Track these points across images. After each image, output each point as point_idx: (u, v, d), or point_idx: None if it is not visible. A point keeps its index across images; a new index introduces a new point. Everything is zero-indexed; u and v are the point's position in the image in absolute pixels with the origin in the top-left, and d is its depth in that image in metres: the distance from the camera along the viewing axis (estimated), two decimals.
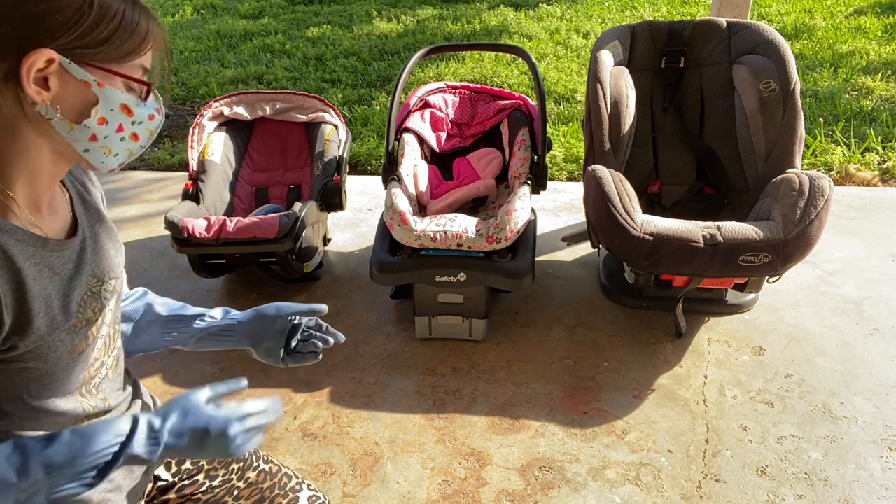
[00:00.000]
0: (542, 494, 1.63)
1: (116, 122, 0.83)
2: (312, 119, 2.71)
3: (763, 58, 2.21)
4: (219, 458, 0.76)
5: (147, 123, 0.88)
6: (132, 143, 0.88)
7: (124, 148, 0.87)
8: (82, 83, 0.78)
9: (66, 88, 0.78)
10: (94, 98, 0.80)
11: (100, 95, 0.80)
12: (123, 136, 0.85)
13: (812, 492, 1.61)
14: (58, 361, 0.87)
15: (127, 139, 0.86)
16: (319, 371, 2.10)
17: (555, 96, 4.28)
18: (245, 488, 1.20)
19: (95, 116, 0.81)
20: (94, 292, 0.92)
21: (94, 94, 0.80)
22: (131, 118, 0.85)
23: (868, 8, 5.70)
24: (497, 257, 2.03)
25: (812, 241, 1.84)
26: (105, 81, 0.80)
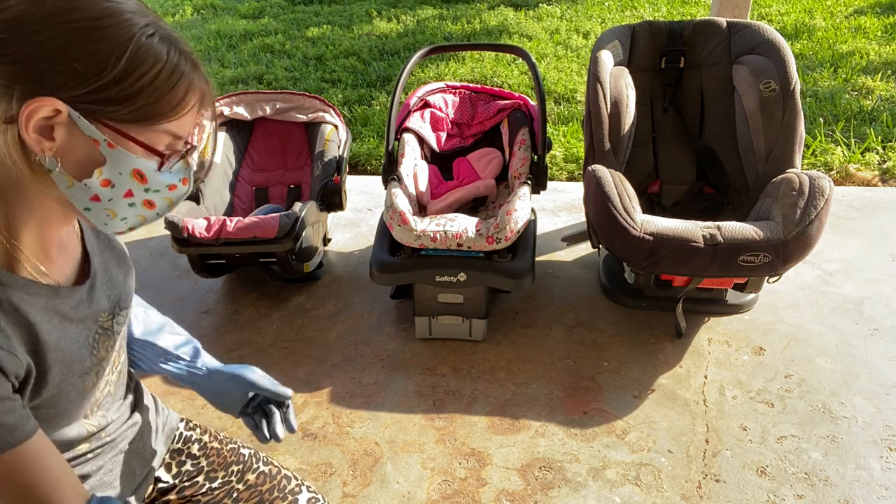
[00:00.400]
0: (542, 494, 1.63)
1: (125, 188, 0.74)
2: (312, 119, 2.72)
3: (763, 58, 2.21)
4: None
5: (166, 192, 0.78)
6: (145, 210, 0.78)
7: (135, 214, 0.77)
8: (90, 140, 0.69)
9: (72, 142, 0.69)
10: (101, 158, 0.71)
11: (108, 157, 0.71)
12: (133, 201, 0.76)
13: (812, 492, 1.61)
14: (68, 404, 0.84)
15: (138, 205, 0.76)
16: (319, 371, 2.10)
17: (555, 96, 4.28)
18: (244, 490, 1.19)
19: (99, 178, 0.72)
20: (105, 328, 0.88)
21: (101, 154, 0.70)
22: (144, 185, 0.75)
23: (868, 8, 5.70)
24: (497, 257, 2.03)
25: (812, 241, 1.84)
26: (117, 143, 0.71)
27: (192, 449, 1.16)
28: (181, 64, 0.72)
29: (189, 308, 2.44)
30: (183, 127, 0.76)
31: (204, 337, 2.28)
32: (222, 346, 2.23)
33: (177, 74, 0.72)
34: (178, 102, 0.73)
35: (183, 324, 1.28)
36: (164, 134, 0.74)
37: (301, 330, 2.30)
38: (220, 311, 2.43)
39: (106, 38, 0.66)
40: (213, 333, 2.30)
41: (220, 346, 2.23)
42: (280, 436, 1.09)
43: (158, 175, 0.76)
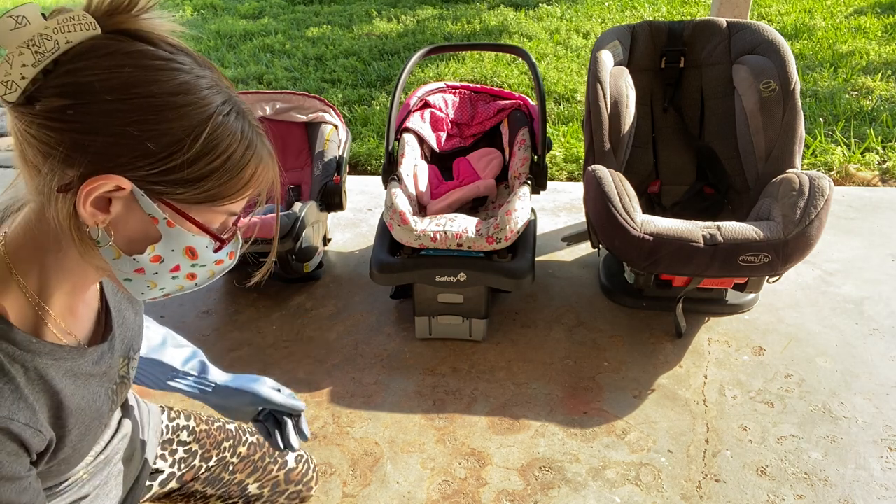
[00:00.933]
0: (542, 494, 1.63)
1: (174, 263, 0.71)
2: (312, 119, 2.71)
3: (763, 58, 2.21)
4: None
5: (212, 266, 0.75)
6: (186, 282, 0.75)
7: (175, 285, 0.75)
8: (149, 217, 0.66)
9: (129, 217, 0.65)
10: (157, 235, 0.67)
11: (164, 234, 0.67)
12: (177, 275, 0.73)
13: (812, 492, 1.61)
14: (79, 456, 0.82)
15: (181, 278, 0.74)
16: (319, 371, 2.10)
17: (555, 96, 4.28)
18: (239, 462, 1.23)
19: (150, 254, 0.69)
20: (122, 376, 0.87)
21: (157, 232, 0.67)
22: (193, 261, 0.72)
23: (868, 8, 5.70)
24: (497, 257, 2.03)
25: (812, 241, 1.84)
26: (176, 222, 0.67)
27: (182, 437, 1.18)
28: (254, 141, 0.68)
29: (189, 308, 2.44)
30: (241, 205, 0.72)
31: (204, 337, 2.28)
32: (222, 346, 2.23)
33: (249, 153, 0.67)
34: (246, 183, 0.69)
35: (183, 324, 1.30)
36: (222, 214, 0.71)
37: (301, 330, 2.30)
38: (220, 311, 2.43)
39: (182, 118, 0.62)
40: (213, 333, 2.30)
41: (220, 346, 2.23)
42: (295, 445, 1.09)
43: (210, 252, 0.73)
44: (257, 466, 1.25)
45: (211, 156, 0.64)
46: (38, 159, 0.62)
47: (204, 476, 1.21)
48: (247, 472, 1.24)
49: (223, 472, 1.22)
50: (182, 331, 2.32)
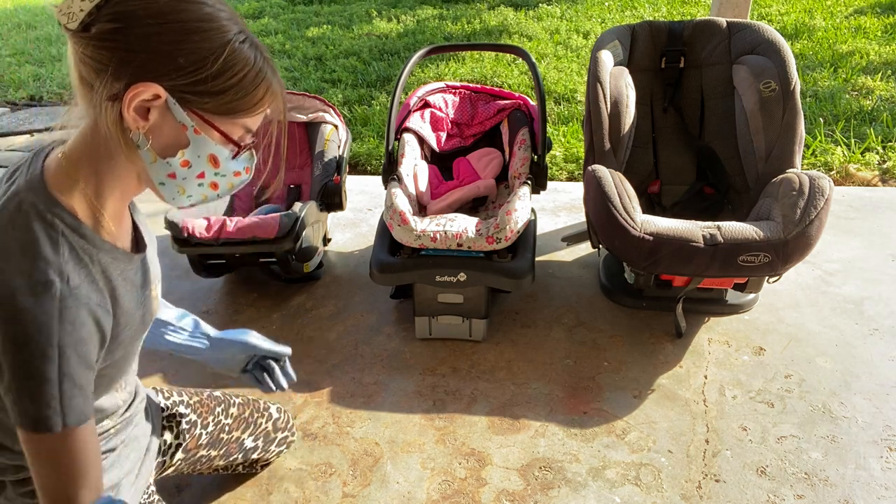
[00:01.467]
0: (542, 494, 1.63)
1: (200, 169, 0.85)
2: (312, 119, 2.71)
3: (763, 58, 2.21)
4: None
5: (231, 178, 0.90)
6: (209, 191, 0.89)
7: (200, 193, 0.89)
8: (180, 125, 0.80)
9: (164, 124, 0.80)
10: (186, 141, 0.82)
11: (192, 141, 0.82)
12: (203, 182, 0.87)
13: (812, 492, 1.61)
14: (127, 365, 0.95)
15: (205, 186, 0.88)
16: (319, 371, 2.10)
17: (555, 96, 4.28)
18: (233, 422, 1.39)
19: (181, 158, 0.83)
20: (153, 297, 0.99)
21: (186, 138, 0.81)
22: (216, 169, 0.86)
23: (868, 8, 5.70)
24: (497, 257, 2.03)
25: (812, 241, 1.84)
26: (202, 130, 0.81)
27: (180, 410, 1.32)
28: (264, 68, 0.83)
29: (189, 308, 2.42)
30: (255, 122, 0.87)
31: None
32: None
33: (260, 77, 0.82)
34: (258, 101, 0.84)
35: None
36: (239, 127, 0.85)
37: (301, 330, 2.30)
38: (220, 311, 2.43)
39: (207, 40, 0.77)
40: None
41: None
42: (285, 386, 1.26)
43: (230, 162, 0.87)
44: (249, 422, 1.42)
45: (230, 73, 0.79)
46: (92, 76, 0.76)
47: (206, 441, 1.34)
48: (241, 429, 1.41)
49: (221, 433, 1.37)
50: None
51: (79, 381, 0.78)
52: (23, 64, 5.75)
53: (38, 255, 0.76)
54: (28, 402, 0.75)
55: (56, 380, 0.76)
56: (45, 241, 0.77)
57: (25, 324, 0.73)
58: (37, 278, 0.75)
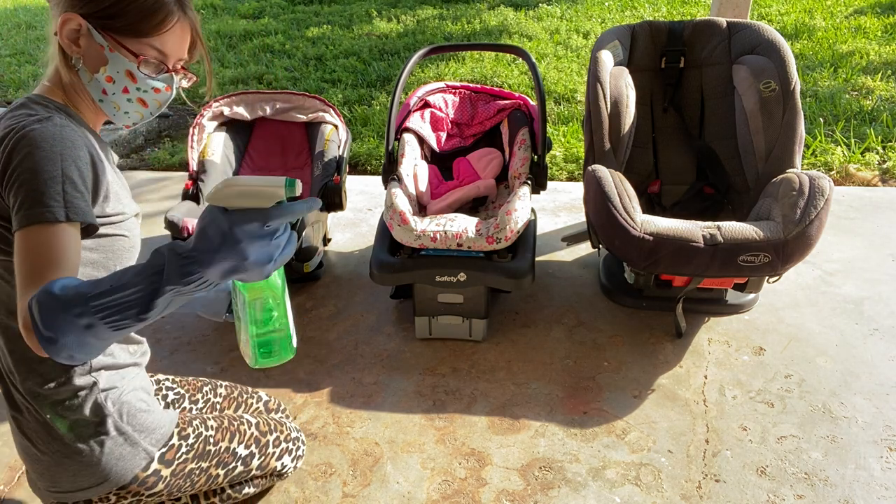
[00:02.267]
0: (542, 494, 1.63)
1: (122, 85, 1.03)
2: (312, 119, 2.71)
3: (763, 58, 2.21)
4: (252, 265, 0.76)
5: (153, 95, 1.07)
6: (139, 107, 1.07)
7: (133, 109, 1.07)
8: (99, 45, 0.99)
9: (90, 47, 1.00)
10: (105, 59, 1.00)
11: (109, 59, 1.00)
12: (129, 97, 1.05)
13: (812, 492, 1.61)
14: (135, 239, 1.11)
15: (133, 101, 1.06)
16: (319, 371, 2.10)
17: (555, 96, 4.28)
18: (223, 401, 1.49)
19: (104, 74, 1.01)
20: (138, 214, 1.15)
21: (105, 57, 1.00)
22: (136, 84, 1.03)
23: (868, 8, 5.70)
24: (497, 257, 2.03)
25: (812, 241, 1.84)
26: (115, 48, 1.00)
27: (167, 384, 1.44)
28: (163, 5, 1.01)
29: (189, 308, 2.43)
30: (167, 46, 1.04)
31: (204, 337, 2.28)
32: (222, 346, 2.23)
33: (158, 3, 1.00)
34: (159, 23, 1.01)
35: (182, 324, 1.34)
36: (150, 48, 1.02)
37: (301, 330, 2.30)
38: None
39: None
40: (213, 333, 2.30)
41: (221, 346, 2.23)
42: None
43: (146, 78, 1.04)
44: (239, 402, 1.51)
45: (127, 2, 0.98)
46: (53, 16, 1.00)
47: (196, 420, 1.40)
48: (233, 408, 1.50)
49: (212, 411, 1.45)
50: (182, 331, 2.32)
51: (79, 187, 0.92)
52: (23, 64, 5.75)
53: (39, 111, 0.97)
54: (31, 197, 0.88)
55: (59, 178, 0.90)
56: (41, 108, 0.99)
57: (33, 138, 0.91)
58: (41, 115, 0.96)
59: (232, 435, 1.35)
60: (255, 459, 1.39)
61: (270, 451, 1.43)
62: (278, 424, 1.47)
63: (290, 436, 1.49)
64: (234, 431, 1.36)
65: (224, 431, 1.34)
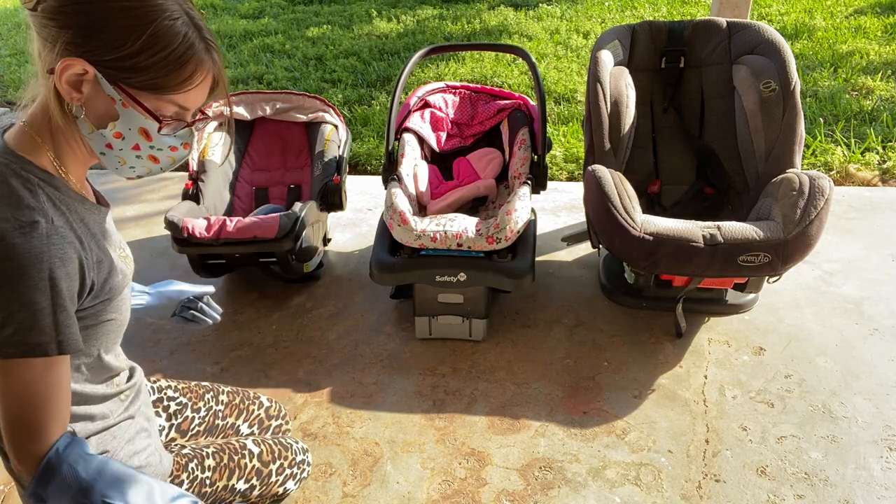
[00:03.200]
0: (542, 494, 1.63)
1: (133, 142, 0.89)
2: (312, 119, 2.71)
3: (763, 58, 2.21)
4: None
5: (168, 153, 0.93)
6: (150, 164, 0.93)
7: (141, 164, 0.93)
8: (109, 98, 0.84)
9: (96, 97, 0.84)
10: (116, 114, 0.85)
11: (121, 114, 0.85)
12: (140, 155, 0.91)
13: (812, 492, 1.61)
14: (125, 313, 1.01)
15: (144, 158, 0.92)
16: (319, 371, 2.10)
17: (555, 96, 4.28)
18: (225, 408, 1.43)
19: (112, 130, 0.87)
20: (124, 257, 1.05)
21: (116, 111, 0.85)
22: (150, 143, 0.90)
23: (868, 8, 5.70)
24: (497, 257, 2.03)
25: (812, 241, 1.84)
26: (129, 104, 0.85)
27: (168, 393, 1.36)
28: (195, 46, 0.85)
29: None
30: (189, 101, 0.89)
31: (204, 337, 2.28)
32: (222, 346, 2.23)
33: (188, 55, 0.84)
34: (186, 79, 0.86)
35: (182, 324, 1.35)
36: (170, 104, 0.88)
37: (301, 330, 2.30)
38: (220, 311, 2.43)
39: (131, 18, 0.80)
40: (212, 333, 2.30)
41: (220, 346, 2.23)
42: (217, 318, 1.39)
43: (161, 137, 0.90)
44: (240, 409, 1.46)
45: (152, 50, 0.82)
46: (41, 50, 0.83)
47: (203, 428, 1.38)
48: (234, 415, 1.44)
49: (215, 419, 1.40)
50: (182, 331, 2.32)
51: (69, 311, 0.84)
52: (23, 64, 5.76)
53: (20, 203, 0.82)
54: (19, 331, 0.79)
55: (50, 310, 0.81)
56: (24, 192, 0.83)
57: (17, 258, 0.79)
58: (23, 220, 0.80)
59: (231, 472, 1.27)
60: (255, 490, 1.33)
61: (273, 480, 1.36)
62: (283, 450, 1.38)
63: (294, 460, 1.40)
64: (234, 468, 1.28)
65: (223, 470, 1.26)
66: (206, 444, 1.33)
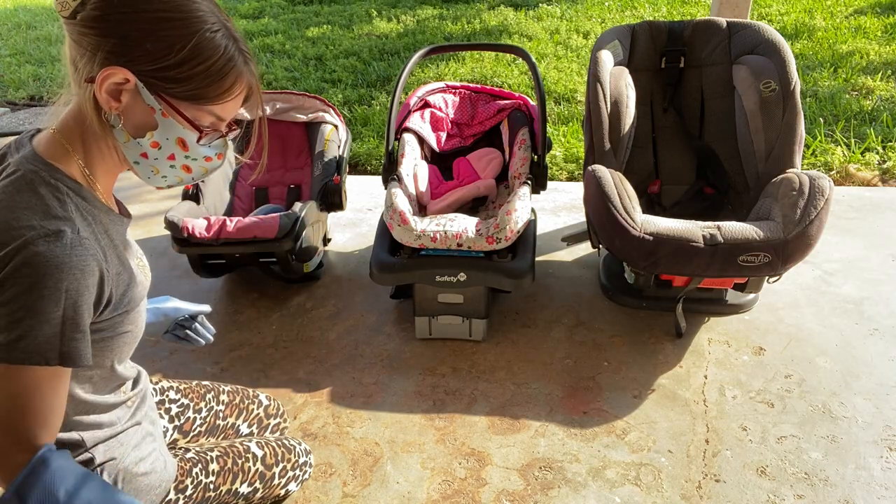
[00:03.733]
0: (542, 494, 1.63)
1: (169, 151, 0.90)
2: (312, 119, 2.71)
3: (763, 58, 2.21)
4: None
5: (202, 163, 0.94)
6: (183, 174, 0.94)
7: (174, 175, 0.94)
8: (149, 107, 0.85)
9: (135, 106, 0.85)
10: (155, 124, 0.86)
11: (160, 123, 0.87)
12: (174, 164, 0.92)
13: (812, 492, 1.61)
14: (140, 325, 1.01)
15: (178, 168, 0.93)
16: (319, 371, 2.10)
17: (555, 96, 4.28)
18: (225, 409, 1.44)
19: (150, 139, 0.88)
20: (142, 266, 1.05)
21: (155, 121, 0.86)
22: (185, 152, 0.91)
23: (868, 8, 5.70)
24: (497, 257, 2.03)
25: (812, 240, 1.84)
26: (168, 113, 0.86)
27: (171, 395, 1.37)
28: (235, 58, 0.86)
29: None
30: (226, 111, 0.90)
31: None
32: (222, 346, 2.23)
33: (228, 67, 0.86)
34: (226, 90, 0.87)
35: None
36: (209, 114, 0.89)
37: (301, 330, 2.30)
38: (220, 311, 2.43)
39: (175, 29, 0.81)
40: None
41: (220, 346, 2.23)
42: (210, 338, 1.37)
43: (198, 147, 0.91)
44: (241, 408, 1.47)
45: (196, 61, 0.83)
46: (77, 58, 0.83)
47: (204, 428, 1.40)
48: (234, 415, 1.45)
49: (216, 419, 1.42)
50: None
51: (81, 325, 0.83)
52: (23, 64, 5.76)
53: (47, 212, 0.81)
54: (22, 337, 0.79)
55: (59, 321, 0.80)
56: (52, 200, 0.83)
57: (37, 266, 0.78)
58: (49, 228, 0.80)
59: (234, 476, 1.28)
60: (258, 493, 1.34)
61: (276, 483, 1.37)
62: (286, 452, 1.40)
63: (297, 462, 1.41)
64: (238, 471, 1.29)
65: (226, 474, 1.27)
66: (210, 448, 1.33)
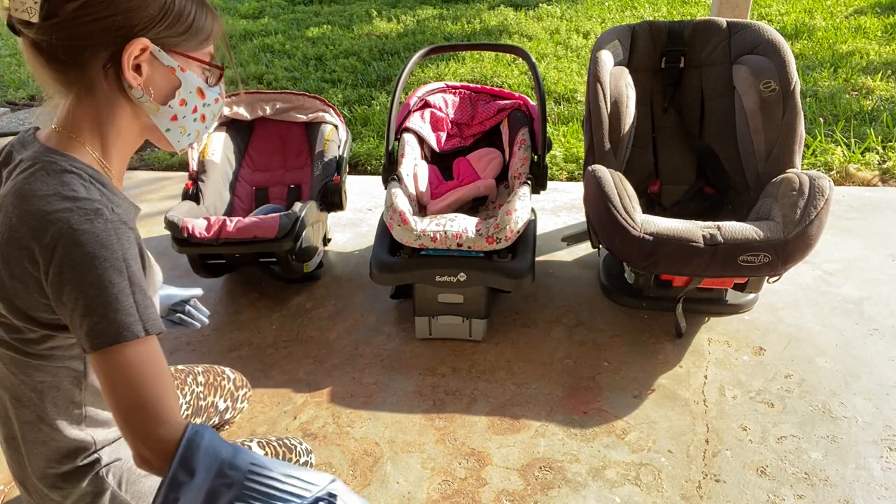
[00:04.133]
0: (542, 494, 1.63)
1: (193, 104, 0.94)
2: (312, 119, 2.71)
3: (763, 58, 2.21)
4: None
5: (213, 106, 0.99)
6: (200, 125, 0.98)
7: (195, 129, 0.98)
8: (168, 69, 0.89)
9: (155, 73, 0.88)
10: (178, 81, 0.91)
11: (182, 79, 0.91)
12: (196, 117, 0.96)
13: (812, 492, 1.61)
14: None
15: (198, 120, 0.97)
16: (319, 371, 2.10)
17: (555, 96, 4.28)
18: (204, 389, 1.52)
19: (178, 98, 0.92)
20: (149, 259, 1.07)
21: (177, 78, 0.90)
22: (203, 100, 0.96)
23: (868, 8, 5.70)
24: (497, 257, 2.03)
25: (812, 240, 1.84)
26: (186, 66, 0.91)
27: None
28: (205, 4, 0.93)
29: None
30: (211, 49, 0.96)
31: (204, 337, 2.28)
32: (222, 346, 2.23)
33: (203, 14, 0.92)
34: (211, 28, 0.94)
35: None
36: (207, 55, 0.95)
37: (301, 330, 2.30)
38: (220, 311, 2.43)
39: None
40: (213, 333, 2.30)
41: (221, 346, 2.23)
42: (205, 321, 1.42)
43: (209, 90, 0.96)
44: (215, 386, 1.56)
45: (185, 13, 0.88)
46: (75, 55, 0.83)
47: (190, 412, 1.46)
48: (213, 393, 1.54)
49: (198, 401, 1.49)
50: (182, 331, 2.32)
51: (148, 293, 0.83)
52: (23, 64, 5.75)
53: (78, 195, 0.82)
54: (104, 317, 0.78)
55: (129, 290, 0.80)
56: (79, 185, 0.83)
57: (88, 244, 0.78)
58: (87, 208, 0.81)
59: None
60: None
61: None
62: (287, 451, 1.41)
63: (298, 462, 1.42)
64: None
65: None
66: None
